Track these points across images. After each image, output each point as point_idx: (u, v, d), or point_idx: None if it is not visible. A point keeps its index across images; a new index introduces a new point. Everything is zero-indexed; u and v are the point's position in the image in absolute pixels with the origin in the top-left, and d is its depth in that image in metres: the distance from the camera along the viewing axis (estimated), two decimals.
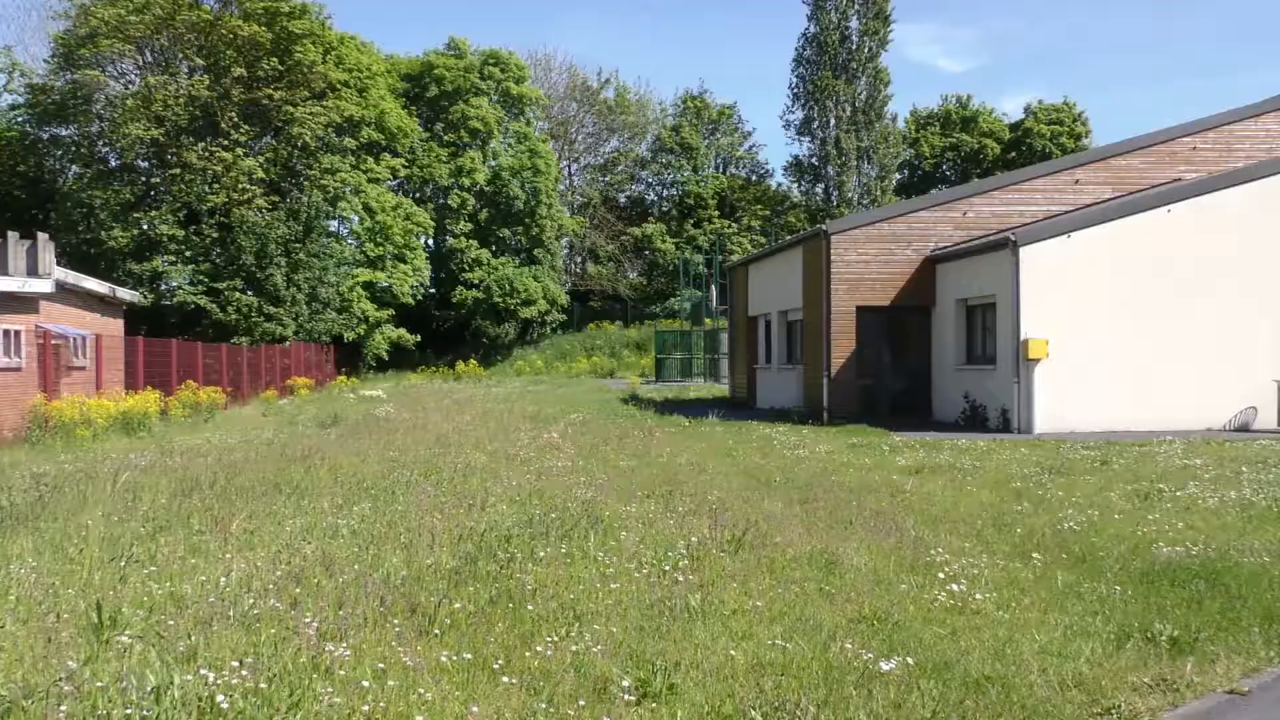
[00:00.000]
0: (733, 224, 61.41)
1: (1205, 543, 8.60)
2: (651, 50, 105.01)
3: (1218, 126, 24.16)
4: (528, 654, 5.53)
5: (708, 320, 47.68)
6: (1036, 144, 58.63)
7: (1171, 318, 20.11)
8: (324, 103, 44.42)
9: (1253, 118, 24.03)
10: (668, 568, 7.40)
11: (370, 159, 49.08)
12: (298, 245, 42.30)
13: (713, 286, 48.56)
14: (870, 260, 23.83)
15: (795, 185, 59.71)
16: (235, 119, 42.06)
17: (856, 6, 52.10)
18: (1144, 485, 11.84)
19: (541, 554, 7.76)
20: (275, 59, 42.69)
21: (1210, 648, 5.86)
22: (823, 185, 54.95)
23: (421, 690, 4.92)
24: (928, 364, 24.26)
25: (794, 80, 54.38)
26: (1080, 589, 7.16)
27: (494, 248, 55.66)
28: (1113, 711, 4.99)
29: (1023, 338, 19.96)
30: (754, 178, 66.73)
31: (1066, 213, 23.14)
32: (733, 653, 5.63)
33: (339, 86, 46.03)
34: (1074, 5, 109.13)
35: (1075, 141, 58.82)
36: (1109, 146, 25.83)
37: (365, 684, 4.87)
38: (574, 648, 5.63)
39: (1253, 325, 20.12)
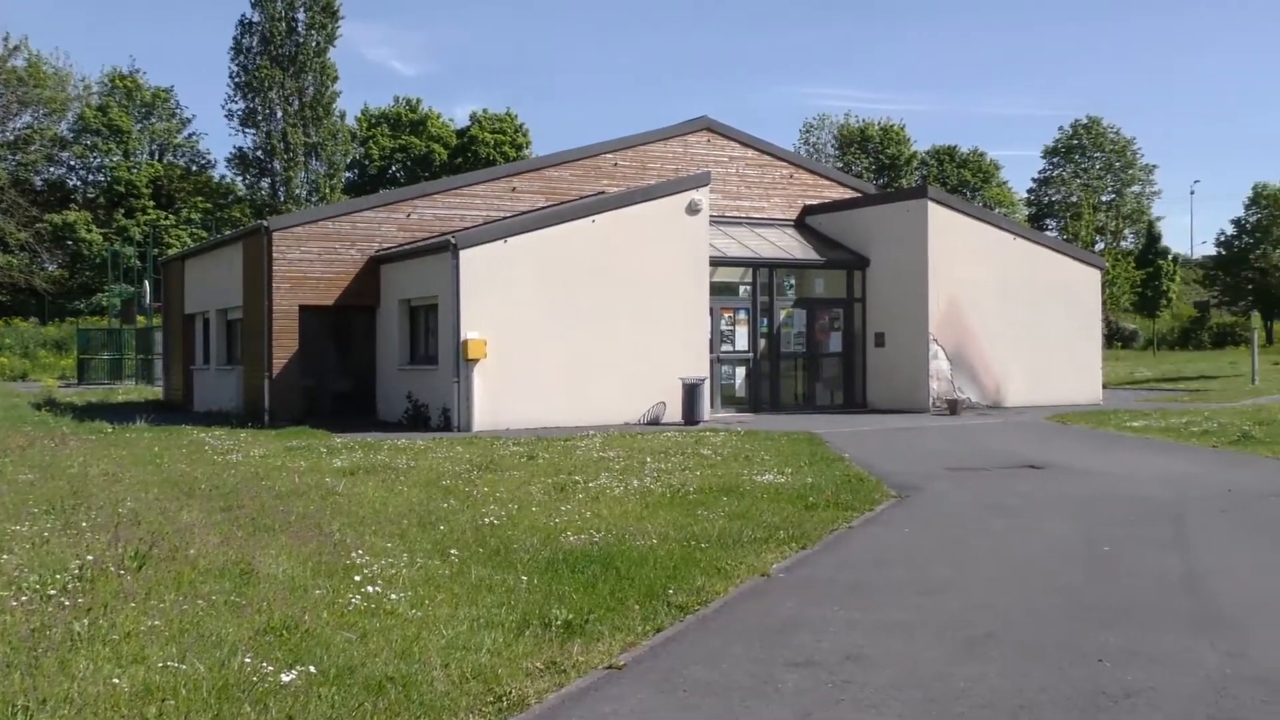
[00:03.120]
0: (171, 216, 57.44)
1: (607, 529, 9.33)
2: (71, 19, 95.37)
3: (635, 146, 26.55)
4: None
5: (141, 318, 44.18)
6: (481, 151, 60.92)
7: (597, 320, 21.69)
8: None
9: (663, 140, 26.71)
10: (54, 592, 6.66)
11: None
12: None
13: (146, 282, 45.10)
14: (314, 259, 23.38)
15: (240, 178, 57.17)
16: None
17: None
18: (562, 478, 12.64)
19: None
20: None
21: (598, 628, 6.32)
22: (269, 180, 53.09)
23: None
24: (373, 364, 24.29)
25: (235, 69, 51.94)
26: (492, 582, 7.44)
27: None
28: (504, 698, 5.20)
29: (462, 338, 20.55)
30: (195, 168, 62.92)
31: (505, 218, 24.22)
32: (117, 680, 5.16)
33: None
34: (518, 22, 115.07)
35: (517, 151, 61.88)
36: (544, 158, 27.45)
37: None
38: None
39: (664, 326, 22.27)
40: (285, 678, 5.21)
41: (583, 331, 21.53)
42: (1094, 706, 4.99)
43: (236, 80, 52.20)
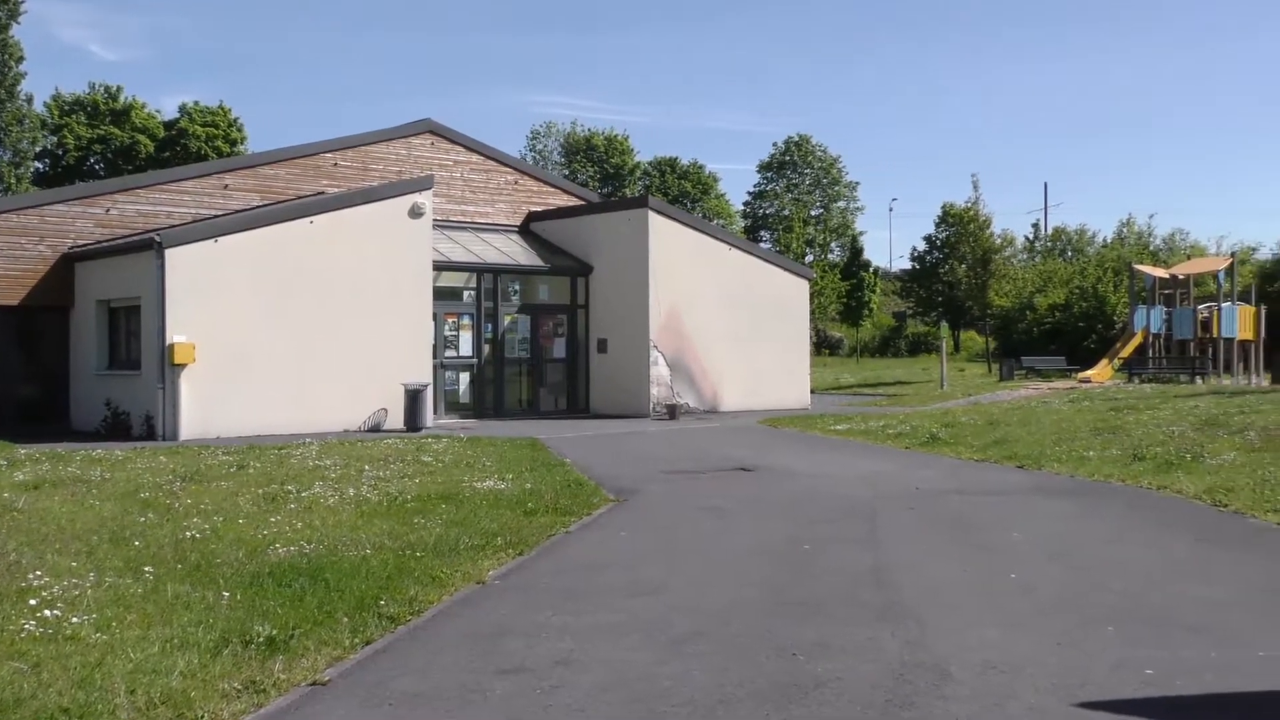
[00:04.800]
0: None
1: (319, 540, 9.03)
2: None
3: (357, 146, 25.92)
4: None
5: None
6: (192, 145, 57.70)
7: (316, 324, 21.00)
8: None
9: (386, 141, 26.21)
10: None
11: None
12: None
13: None
14: None
15: None
16: None
17: None
18: (274, 488, 12.14)
19: None
20: None
21: (304, 643, 6.09)
22: None
23: None
24: (66, 369, 22.56)
25: None
26: (190, 599, 7.04)
27: None
28: None
29: (169, 342, 19.45)
30: None
31: (216, 217, 23.09)
32: None
33: None
34: (233, 11, 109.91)
35: (231, 147, 59.00)
36: (259, 155, 26.35)
37: None
38: None
39: (387, 331, 21.82)
40: None
41: (301, 336, 20.80)
42: (786, 698, 5.24)
43: None
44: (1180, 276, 38.50)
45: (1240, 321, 35.17)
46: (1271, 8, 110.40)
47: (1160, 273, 39.72)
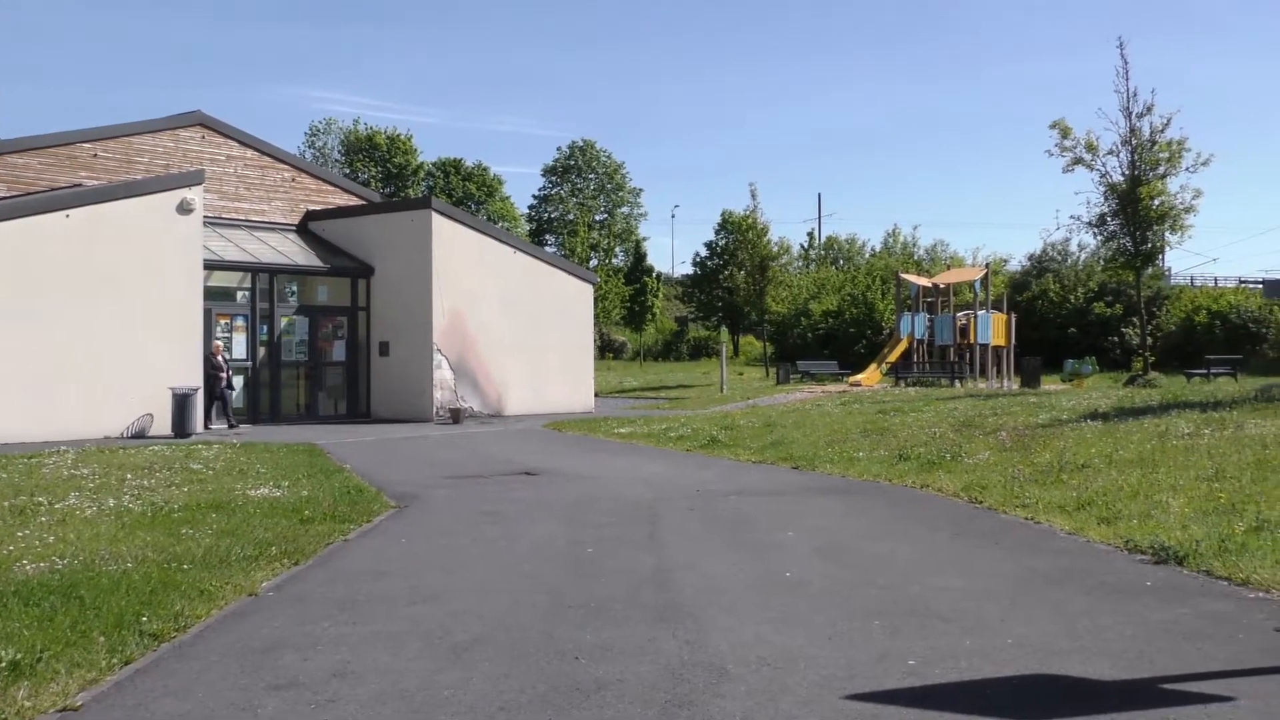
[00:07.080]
0: None
1: (74, 555, 8.46)
2: None
3: (119, 137, 24.54)
4: None
5: None
6: None
7: (73, 325, 19.76)
8: None
9: (153, 133, 24.92)
10: None
11: None
12: None
13: None
14: None
15: None
16: None
17: None
18: (23, 499, 11.33)
19: None
20: None
21: (54, 666, 5.68)
22: None
23: None
24: None
25: None
26: None
27: None
28: None
29: None
30: None
31: None
32: None
33: None
34: None
35: None
36: (7, 142, 24.57)
37: None
38: None
39: (153, 333, 20.72)
40: None
41: (56, 338, 19.52)
42: (568, 702, 5.24)
43: None
44: (941, 285, 40.82)
45: (994, 328, 37.57)
46: (1025, 38, 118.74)
47: (923, 281, 42.00)
